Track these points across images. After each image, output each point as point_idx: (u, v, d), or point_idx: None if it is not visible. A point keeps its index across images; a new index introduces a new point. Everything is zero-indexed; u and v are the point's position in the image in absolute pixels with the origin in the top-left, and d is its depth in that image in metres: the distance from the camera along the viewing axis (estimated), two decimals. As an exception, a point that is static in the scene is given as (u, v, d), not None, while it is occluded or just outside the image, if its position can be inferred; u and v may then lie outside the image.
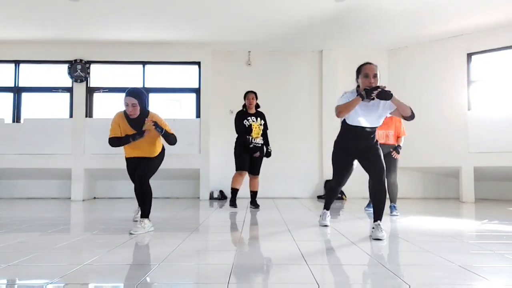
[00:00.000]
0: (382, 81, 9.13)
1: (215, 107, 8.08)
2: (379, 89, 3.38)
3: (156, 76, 8.07)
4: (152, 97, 8.08)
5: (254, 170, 6.01)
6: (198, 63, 7.94)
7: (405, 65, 8.02)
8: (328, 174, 7.92)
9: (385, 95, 3.38)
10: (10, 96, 7.92)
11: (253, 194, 6.16)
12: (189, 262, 2.67)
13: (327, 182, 7.84)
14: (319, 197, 7.96)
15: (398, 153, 5.25)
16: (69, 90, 7.88)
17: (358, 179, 5.34)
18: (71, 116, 7.81)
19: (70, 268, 2.41)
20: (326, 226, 4.12)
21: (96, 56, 7.85)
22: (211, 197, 7.80)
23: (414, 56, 7.90)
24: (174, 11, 6.31)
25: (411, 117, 3.52)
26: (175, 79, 8.15)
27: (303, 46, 8.06)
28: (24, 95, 8.00)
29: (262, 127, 6.03)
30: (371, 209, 5.11)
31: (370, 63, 3.55)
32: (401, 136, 5.32)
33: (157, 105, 8.17)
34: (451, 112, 7.38)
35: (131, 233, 3.60)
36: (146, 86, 7.95)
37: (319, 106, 8.21)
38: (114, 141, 3.87)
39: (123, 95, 3.84)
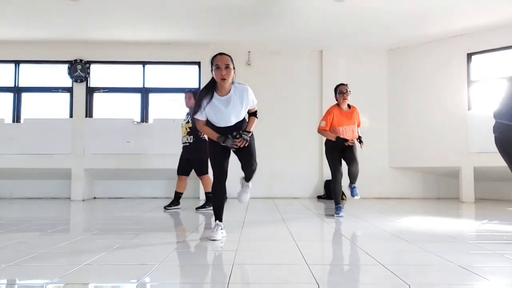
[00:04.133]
0: (382, 82, 9.12)
1: (215, 107, 8.07)
2: (237, 137, 3.35)
3: (156, 76, 8.07)
4: (152, 97, 8.09)
5: (196, 171, 5.81)
6: (198, 63, 7.94)
7: (405, 65, 8.02)
8: (329, 174, 7.93)
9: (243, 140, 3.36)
10: (10, 96, 7.92)
11: (206, 195, 5.89)
12: (189, 262, 2.67)
13: (327, 182, 7.84)
14: (319, 197, 7.96)
15: (362, 142, 5.06)
16: (69, 90, 7.88)
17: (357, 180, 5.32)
18: (71, 116, 7.81)
19: (70, 268, 2.41)
20: (215, 240, 3.33)
21: (96, 56, 7.84)
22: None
23: (414, 56, 7.90)
24: (174, 11, 6.31)
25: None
26: (175, 79, 8.15)
27: (303, 46, 8.06)
28: (24, 95, 8.00)
29: (189, 125, 5.74)
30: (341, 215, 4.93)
31: (222, 54, 3.28)
32: (360, 127, 5.20)
33: (157, 105, 8.17)
34: (451, 112, 7.37)
35: None
36: (146, 86, 7.95)
37: (319, 106, 8.21)
38: None
39: (123, 95, 3.87)
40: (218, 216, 3.50)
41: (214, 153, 3.52)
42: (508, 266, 2.52)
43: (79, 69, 7.74)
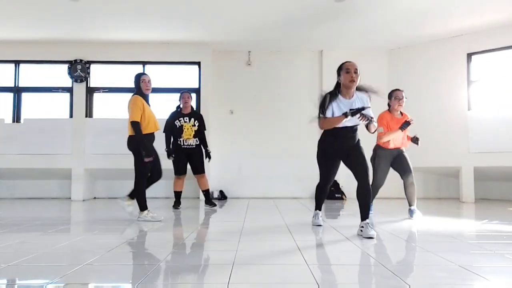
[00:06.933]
0: (382, 82, 9.11)
1: (215, 107, 8.08)
2: (362, 111, 3.61)
3: (156, 76, 8.06)
4: (152, 97, 8.06)
5: (196, 170, 5.93)
6: (198, 63, 7.94)
7: (405, 65, 8.02)
8: (328, 174, 7.93)
9: (365, 117, 3.60)
10: (10, 96, 7.93)
11: (205, 193, 6.10)
12: (189, 262, 2.67)
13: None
14: (319, 197, 7.96)
15: (418, 140, 4.99)
16: (69, 90, 7.88)
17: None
18: (71, 116, 7.81)
19: (70, 268, 2.41)
20: (319, 225, 4.19)
21: (96, 56, 7.85)
22: (211, 197, 7.79)
23: (414, 56, 7.90)
24: (174, 11, 6.32)
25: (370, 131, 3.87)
26: (175, 79, 8.15)
27: (303, 46, 8.06)
28: (24, 95, 8.00)
29: (195, 128, 5.90)
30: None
31: (351, 61, 3.89)
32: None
33: (157, 105, 8.17)
34: (451, 112, 7.37)
35: None
36: (146, 86, 7.94)
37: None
38: None
39: (123, 95, 3.87)
40: (319, 207, 4.27)
41: (327, 163, 3.97)
42: (508, 266, 2.52)
43: (79, 69, 7.74)
